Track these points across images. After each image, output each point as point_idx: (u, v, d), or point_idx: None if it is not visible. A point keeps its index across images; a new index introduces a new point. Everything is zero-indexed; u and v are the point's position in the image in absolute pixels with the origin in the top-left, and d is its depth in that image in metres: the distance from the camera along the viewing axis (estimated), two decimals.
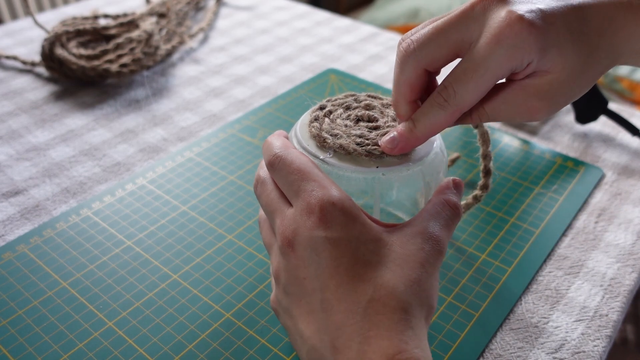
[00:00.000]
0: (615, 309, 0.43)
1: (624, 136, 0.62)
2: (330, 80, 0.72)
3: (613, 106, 0.63)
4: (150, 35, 0.71)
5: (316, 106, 0.40)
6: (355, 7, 2.77)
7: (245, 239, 0.48)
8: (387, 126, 0.37)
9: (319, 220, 0.30)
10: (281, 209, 0.33)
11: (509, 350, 0.40)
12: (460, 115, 0.34)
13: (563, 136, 0.62)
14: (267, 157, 0.35)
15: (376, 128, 0.37)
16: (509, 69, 0.31)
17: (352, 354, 0.28)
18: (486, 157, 0.42)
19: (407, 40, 0.34)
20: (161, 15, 0.79)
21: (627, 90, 1.82)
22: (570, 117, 0.65)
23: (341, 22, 0.89)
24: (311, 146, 0.37)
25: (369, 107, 0.39)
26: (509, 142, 0.60)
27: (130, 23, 0.74)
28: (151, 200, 0.52)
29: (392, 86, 0.36)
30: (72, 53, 0.68)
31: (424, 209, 0.34)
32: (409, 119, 0.35)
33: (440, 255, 0.32)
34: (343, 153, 0.35)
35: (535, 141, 0.61)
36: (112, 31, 0.72)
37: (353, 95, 0.41)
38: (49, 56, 0.68)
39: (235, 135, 0.61)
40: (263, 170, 0.36)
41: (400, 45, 0.34)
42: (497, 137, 0.61)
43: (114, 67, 0.67)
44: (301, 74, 0.74)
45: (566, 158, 0.58)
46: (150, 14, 0.78)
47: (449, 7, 2.18)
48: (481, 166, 0.44)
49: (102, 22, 0.77)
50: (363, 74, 0.74)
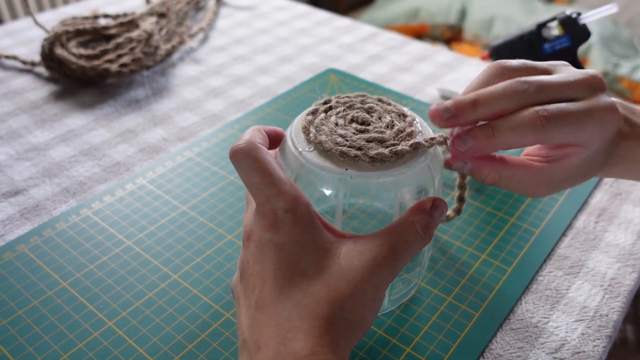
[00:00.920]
0: (615, 309, 0.43)
1: None
2: (330, 80, 0.72)
3: None
4: (150, 35, 0.71)
5: (322, 100, 0.40)
6: (355, 7, 2.77)
7: None
8: (376, 131, 0.36)
9: (269, 224, 0.32)
10: (251, 202, 0.35)
11: (509, 350, 0.40)
12: (536, 143, 0.34)
13: None
14: (232, 147, 0.34)
15: (364, 131, 0.37)
16: (583, 141, 0.34)
17: (270, 352, 0.29)
18: (462, 187, 0.44)
19: (553, 113, 0.33)
20: (161, 15, 0.79)
21: (627, 90, 1.82)
22: None
23: (341, 22, 0.89)
24: (299, 137, 0.37)
25: (370, 110, 0.39)
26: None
27: (130, 23, 0.74)
28: (151, 200, 0.52)
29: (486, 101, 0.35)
30: (72, 53, 0.68)
31: (391, 224, 0.33)
32: (487, 126, 0.34)
33: (387, 274, 0.31)
34: (321, 149, 0.36)
35: None
36: (112, 31, 0.72)
37: (363, 96, 0.40)
38: (49, 56, 0.68)
39: (235, 135, 0.61)
40: (239, 146, 0.37)
41: (539, 115, 0.33)
42: None
43: (114, 67, 0.67)
44: (301, 74, 0.74)
45: None
46: (150, 13, 0.78)
47: (449, 7, 2.18)
48: (456, 194, 0.44)
49: (102, 22, 0.77)
50: (363, 74, 0.74)
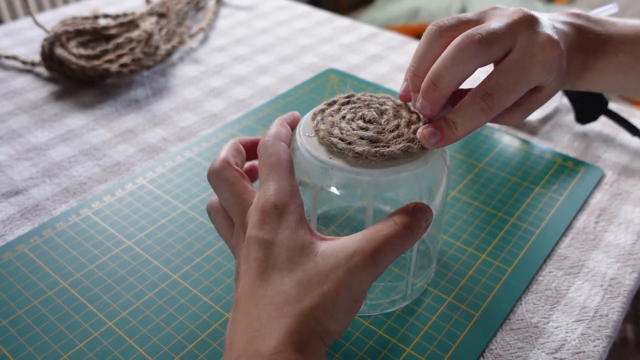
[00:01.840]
0: (615, 309, 0.43)
1: (624, 136, 0.62)
2: (330, 80, 0.72)
3: (613, 106, 0.63)
4: (150, 35, 0.71)
5: (345, 94, 0.41)
6: (355, 7, 2.77)
7: None
8: (375, 131, 0.37)
9: (258, 221, 0.32)
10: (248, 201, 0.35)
11: (509, 350, 0.40)
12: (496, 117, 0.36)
13: (563, 136, 0.62)
14: (261, 139, 0.37)
15: (365, 129, 0.37)
16: (536, 85, 0.36)
17: (237, 351, 0.30)
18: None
19: (475, 34, 0.34)
20: (161, 15, 0.79)
21: None
22: (570, 117, 0.65)
23: (341, 22, 0.89)
24: (307, 124, 0.38)
25: (383, 112, 0.39)
26: (509, 142, 0.60)
27: (130, 23, 0.74)
28: (151, 200, 0.52)
29: (421, 63, 0.36)
30: (72, 53, 0.68)
31: (374, 225, 0.33)
32: (449, 121, 0.35)
33: (365, 275, 0.31)
34: (318, 138, 0.37)
35: (535, 141, 0.61)
36: (112, 31, 0.72)
37: (387, 98, 0.41)
38: (49, 56, 0.68)
39: (235, 135, 0.61)
40: (213, 203, 0.39)
41: (467, 37, 0.34)
42: (497, 137, 0.61)
43: (114, 67, 0.67)
44: (301, 74, 0.74)
45: (566, 158, 0.58)
46: (150, 14, 0.78)
47: (449, 7, 2.18)
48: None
49: (102, 22, 0.77)
50: (363, 74, 0.74)
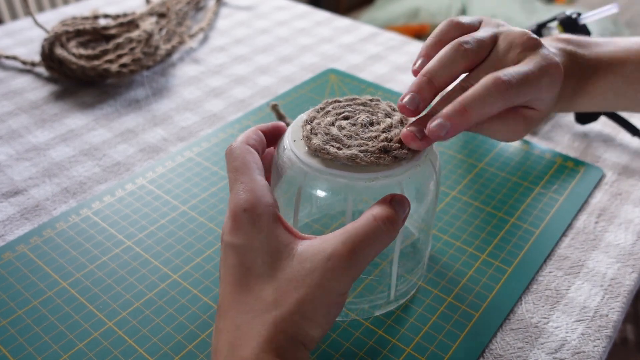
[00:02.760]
0: (615, 309, 0.43)
1: (624, 136, 0.62)
2: (330, 80, 0.72)
3: None
4: (150, 35, 0.71)
5: (350, 97, 0.41)
6: (355, 7, 2.77)
7: None
8: (368, 137, 0.37)
9: (231, 227, 0.32)
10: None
11: (509, 350, 0.40)
12: (505, 108, 0.36)
13: (563, 136, 0.62)
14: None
15: (354, 133, 0.37)
16: (535, 95, 0.37)
17: (222, 358, 0.30)
18: None
19: (513, 80, 0.35)
20: (161, 15, 0.79)
21: None
22: (570, 117, 0.65)
23: (341, 22, 0.89)
24: (297, 129, 0.38)
25: (372, 114, 0.39)
26: (509, 142, 0.60)
27: (130, 23, 0.74)
28: (151, 200, 0.52)
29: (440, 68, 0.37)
30: (72, 53, 0.68)
31: (350, 223, 0.32)
32: (460, 105, 0.34)
33: (343, 276, 0.30)
34: (307, 143, 0.36)
35: (535, 141, 0.61)
36: (112, 31, 0.72)
37: (378, 101, 0.41)
38: (49, 56, 0.68)
39: (235, 135, 0.61)
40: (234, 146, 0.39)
41: (503, 82, 0.35)
42: None
43: (114, 67, 0.67)
44: (301, 74, 0.74)
45: (566, 158, 0.58)
46: (150, 14, 0.78)
47: (448, 7, 2.18)
48: None
49: (102, 22, 0.77)
50: (363, 74, 0.74)
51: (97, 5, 0.91)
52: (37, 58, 0.75)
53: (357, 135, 0.37)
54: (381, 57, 0.79)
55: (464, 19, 0.40)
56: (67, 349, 0.39)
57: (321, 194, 0.36)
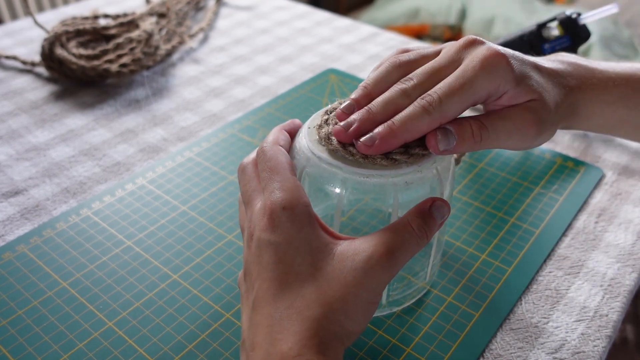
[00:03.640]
0: (615, 309, 0.43)
1: None
2: (330, 80, 0.72)
3: None
4: (150, 35, 0.71)
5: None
6: (355, 7, 2.77)
7: None
8: None
9: (267, 223, 0.32)
10: (253, 201, 0.35)
11: (509, 350, 0.40)
12: (439, 124, 0.34)
13: (563, 136, 0.62)
14: (257, 148, 0.37)
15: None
16: (487, 92, 0.35)
17: (261, 353, 0.30)
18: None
19: (435, 97, 0.34)
20: (161, 15, 0.79)
21: None
22: None
23: (341, 22, 0.89)
24: (312, 130, 0.38)
25: None
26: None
27: (130, 23, 0.74)
28: (151, 200, 0.52)
29: (376, 87, 0.36)
30: (72, 53, 0.68)
31: (387, 225, 0.33)
32: (389, 123, 0.34)
33: (382, 276, 0.31)
34: (327, 143, 0.36)
35: None
36: (112, 31, 0.72)
37: None
38: (49, 56, 0.68)
39: (235, 135, 0.61)
40: (247, 158, 0.38)
41: (426, 100, 0.34)
42: None
43: (114, 67, 0.67)
44: (301, 74, 0.74)
45: (566, 158, 0.58)
46: (150, 14, 0.78)
47: (448, 7, 2.18)
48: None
49: (102, 22, 0.77)
50: (363, 74, 0.74)
51: (97, 5, 0.91)
52: (37, 58, 0.75)
53: None
54: (381, 57, 0.79)
55: (407, 56, 0.38)
56: (67, 349, 0.39)
57: (319, 182, 0.36)
